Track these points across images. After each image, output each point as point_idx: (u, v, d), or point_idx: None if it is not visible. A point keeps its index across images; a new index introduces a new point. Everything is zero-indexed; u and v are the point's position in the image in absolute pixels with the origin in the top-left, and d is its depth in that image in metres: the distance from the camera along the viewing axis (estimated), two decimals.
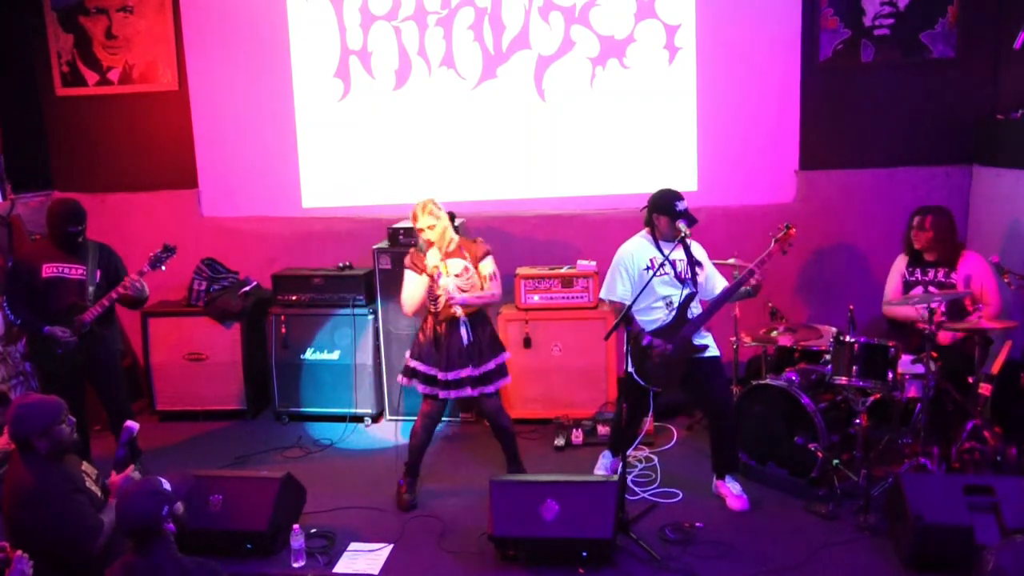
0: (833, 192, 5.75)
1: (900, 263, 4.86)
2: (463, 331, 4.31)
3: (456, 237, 4.41)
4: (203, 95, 6.13)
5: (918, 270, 4.75)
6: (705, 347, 4.25)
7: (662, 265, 4.22)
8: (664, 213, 4.22)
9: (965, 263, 4.64)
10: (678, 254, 4.27)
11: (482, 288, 4.35)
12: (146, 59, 6.13)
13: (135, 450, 4.83)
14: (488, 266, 4.38)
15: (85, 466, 3.39)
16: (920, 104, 5.61)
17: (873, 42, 5.58)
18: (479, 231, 5.82)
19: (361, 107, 6.04)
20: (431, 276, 4.23)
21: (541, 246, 5.88)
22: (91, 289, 4.50)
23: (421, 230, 4.31)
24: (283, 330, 5.60)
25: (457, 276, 4.30)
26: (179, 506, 2.91)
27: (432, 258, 4.31)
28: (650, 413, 4.41)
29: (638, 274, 4.26)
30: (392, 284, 5.47)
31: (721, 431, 4.33)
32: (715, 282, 4.37)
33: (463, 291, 4.29)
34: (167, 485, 2.88)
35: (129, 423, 3.55)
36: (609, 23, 5.76)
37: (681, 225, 4.14)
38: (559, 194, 5.97)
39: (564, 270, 5.46)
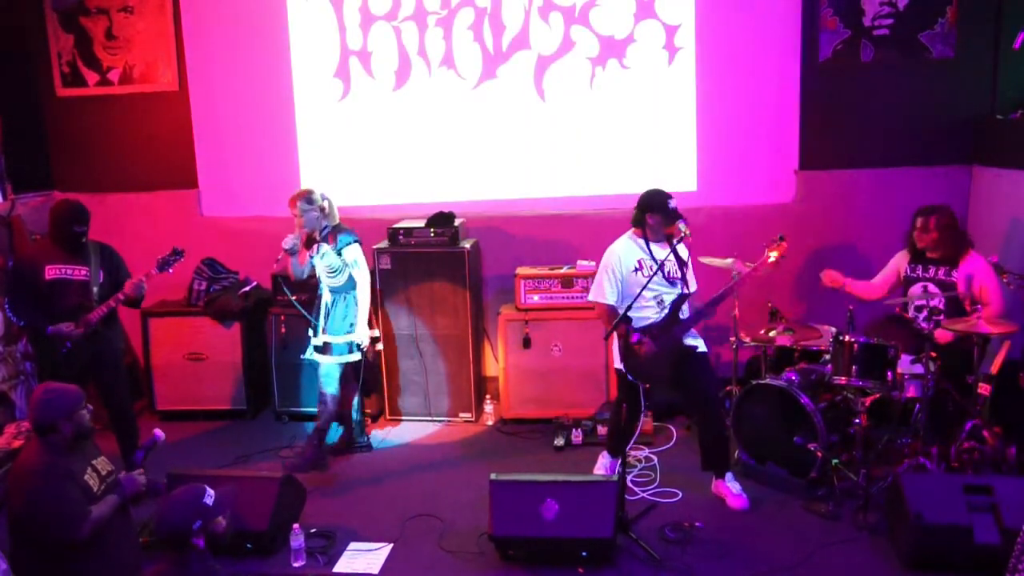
0: (833, 192, 5.75)
1: (900, 259, 4.85)
2: None
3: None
4: (203, 95, 6.13)
5: (919, 267, 4.74)
6: (694, 346, 4.26)
7: (651, 267, 4.24)
8: (657, 212, 4.24)
9: (968, 263, 4.60)
10: (666, 254, 4.28)
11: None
12: (146, 59, 6.13)
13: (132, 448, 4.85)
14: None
15: (100, 461, 3.38)
16: (920, 104, 5.62)
17: (873, 42, 5.58)
18: (479, 231, 5.85)
19: (361, 107, 6.04)
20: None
21: (541, 246, 5.88)
22: (95, 290, 4.51)
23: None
24: (283, 330, 5.60)
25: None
26: (221, 522, 2.85)
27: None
28: (642, 410, 4.41)
29: (626, 276, 4.26)
30: (393, 284, 5.50)
31: (710, 429, 4.30)
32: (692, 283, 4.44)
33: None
34: (210, 499, 2.82)
35: (158, 431, 3.58)
36: (609, 23, 5.76)
37: (682, 225, 4.15)
38: (559, 194, 5.97)
39: (564, 270, 5.46)
